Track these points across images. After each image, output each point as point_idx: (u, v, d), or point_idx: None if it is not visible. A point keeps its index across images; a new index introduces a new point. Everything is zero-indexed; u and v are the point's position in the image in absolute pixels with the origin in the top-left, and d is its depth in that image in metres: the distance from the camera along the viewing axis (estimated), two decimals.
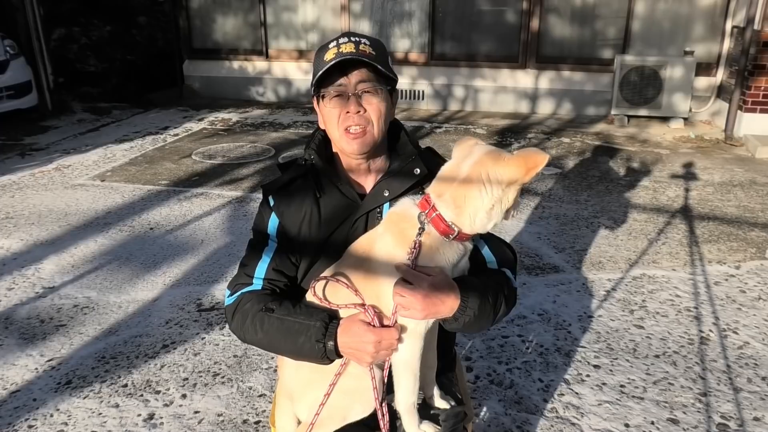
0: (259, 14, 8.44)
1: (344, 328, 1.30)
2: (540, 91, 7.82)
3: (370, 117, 1.39)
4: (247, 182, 5.20)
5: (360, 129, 1.39)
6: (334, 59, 1.35)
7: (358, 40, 1.39)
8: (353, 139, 1.40)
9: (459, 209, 1.25)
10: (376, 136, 1.41)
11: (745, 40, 6.34)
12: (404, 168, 1.44)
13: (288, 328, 1.34)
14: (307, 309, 1.36)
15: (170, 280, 3.51)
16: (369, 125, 1.39)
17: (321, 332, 1.30)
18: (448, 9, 7.88)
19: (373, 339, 1.26)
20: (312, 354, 1.32)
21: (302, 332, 1.31)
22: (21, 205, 4.67)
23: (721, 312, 3.16)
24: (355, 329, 1.28)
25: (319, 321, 1.31)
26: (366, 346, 1.26)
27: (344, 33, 1.43)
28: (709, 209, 4.58)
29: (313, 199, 1.44)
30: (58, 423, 2.36)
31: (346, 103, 1.38)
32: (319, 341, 1.30)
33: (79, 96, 8.40)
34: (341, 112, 1.39)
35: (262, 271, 1.44)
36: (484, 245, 1.50)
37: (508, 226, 4.27)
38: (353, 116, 1.38)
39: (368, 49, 1.38)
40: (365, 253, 1.34)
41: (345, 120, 1.39)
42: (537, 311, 3.16)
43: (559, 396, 2.52)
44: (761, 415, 2.40)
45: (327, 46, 1.41)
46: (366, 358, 1.28)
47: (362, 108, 1.38)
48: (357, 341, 1.27)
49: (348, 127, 1.39)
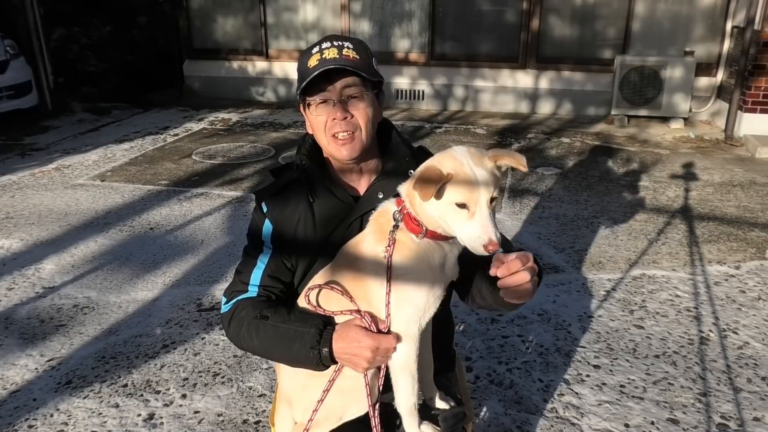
0: (259, 14, 8.44)
1: (340, 333, 1.29)
2: (540, 91, 7.82)
3: (357, 122, 1.38)
4: (247, 182, 5.20)
5: (348, 135, 1.38)
6: (319, 66, 1.34)
7: (341, 44, 1.37)
8: (341, 145, 1.39)
9: (420, 207, 1.23)
10: (364, 140, 1.40)
11: (745, 41, 6.34)
12: (398, 169, 1.44)
13: (282, 335, 1.33)
14: (301, 315, 1.35)
15: (170, 280, 3.51)
16: (357, 130, 1.39)
17: (315, 339, 1.29)
18: (448, 9, 7.88)
19: (372, 344, 1.25)
20: (307, 361, 1.32)
21: (297, 339, 1.31)
22: (21, 205, 4.67)
23: (721, 312, 3.16)
24: (353, 334, 1.27)
25: (313, 327, 1.30)
26: (364, 352, 1.26)
27: (327, 36, 1.41)
28: (709, 209, 4.58)
29: (306, 203, 1.44)
30: (58, 423, 2.36)
31: (332, 110, 1.37)
32: (313, 348, 1.29)
33: (79, 96, 8.40)
34: (328, 119, 1.38)
35: (257, 278, 1.44)
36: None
37: (508, 226, 4.27)
38: (340, 122, 1.37)
39: (352, 53, 1.37)
40: (354, 253, 1.34)
41: (332, 127, 1.38)
42: (537, 311, 3.16)
43: (559, 396, 2.52)
44: (761, 415, 2.40)
45: (310, 51, 1.39)
46: (362, 364, 1.28)
47: (349, 114, 1.37)
48: (355, 346, 1.27)
49: (335, 134, 1.38)
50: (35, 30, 7.55)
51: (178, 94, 8.80)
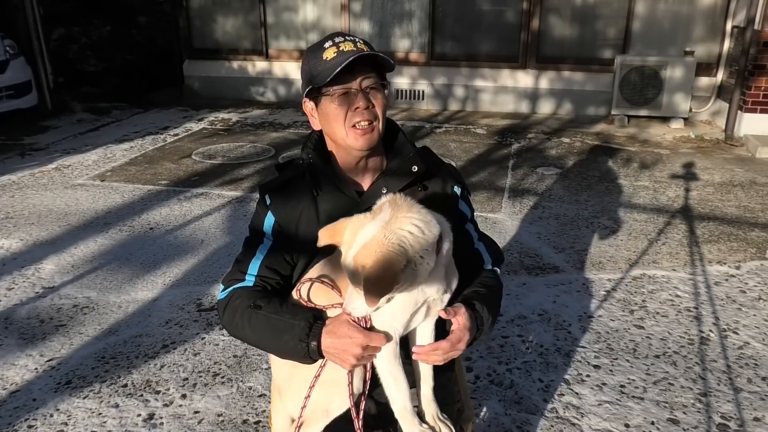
0: (259, 14, 8.44)
1: (330, 328, 1.30)
2: (540, 91, 7.82)
3: (377, 112, 1.42)
4: (247, 182, 5.20)
5: (368, 125, 1.41)
6: (341, 58, 1.35)
7: (353, 38, 1.41)
8: (362, 135, 1.41)
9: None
10: (381, 130, 1.44)
11: (746, 41, 6.34)
12: (402, 166, 1.47)
13: (273, 325, 1.35)
14: (293, 308, 1.37)
15: (170, 280, 3.51)
16: (376, 120, 1.42)
17: (305, 332, 1.30)
18: (449, 9, 7.88)
19: (362, 340, 1.26)
20: (295, 353, 1.33)
21: (286, 330, 1.32)
22: (21, 205, 4.67)
23: (721, 312, 3.15)
24: (344, 330, 1.28)
25: (303, 320, 1.32)
26: (353, 348, 1.26)
27: (335, 33, 1.43)
28: (709, 209, 4.58)
29: (310, 198, 1.45)
30: (58, 423, 2.36)
31: (353, 100, 1.39)
32: (302, 341, 1.30)
33: (79, 96, 8.39)
34: (348, 109, 1.40)
35: (255, 268, 1.46)
36: (479, 242, 1.57)
37: (508, 226, 4.27)
38: (362, 112, 1.39)
39: (365, 47, 1.40)
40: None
41: (353, 116, 1.40)
42: (537, 311, 3.16)
43: (559, 396, 2.52)
44: (761, 415, 2.40)
45: (322, 46, 1.41)
46: (350, 360, 1.28)
47: (371, 103, 1.40)
48: (345, 342, 1.27)
49: (356, 123, 1.40)
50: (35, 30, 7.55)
51: (178, 94, 8.80)
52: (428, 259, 1.19)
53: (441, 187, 1.51)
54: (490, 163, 5.80)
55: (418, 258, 1.16)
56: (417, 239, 1.15)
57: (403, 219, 1.17)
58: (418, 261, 1.16)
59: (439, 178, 1.52)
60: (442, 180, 1.52)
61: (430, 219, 1.21)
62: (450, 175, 1.54)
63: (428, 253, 1.18)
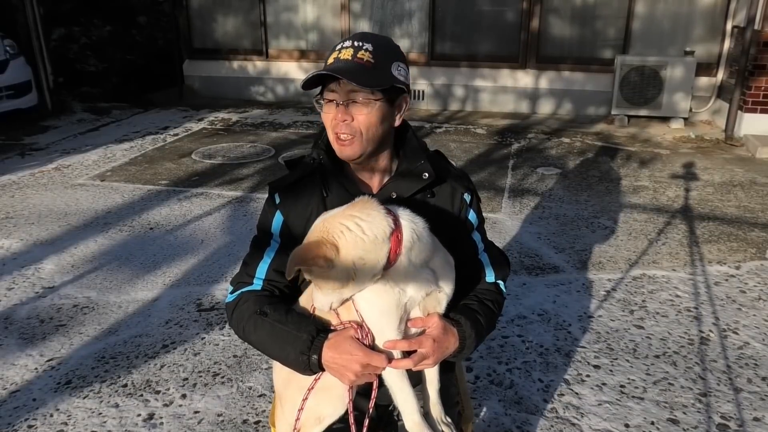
0: (259, 14, 8.44)
1: (333, 343, 1.29)
2: (540, 91, 7.82)
3: (358, 127, 1.36)
4: (247, 182, 5.20)
5: (348, 138, 1.37)
6: (329, 67, 1.34)
7: (360, 44, 1.35)
8: (342, 146, 1.39)
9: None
10: (365, 146, 1.39)
11: (746, 40, 6.34)
12: (413, 171, 1.44)
13: (277, 335, 1.34)
14: (298, 317, 1.36)
15: (170, 280, 3.51)
16: (357, 135, 1.37)
17: (306, 345, 1.30)
18: (448, 9, 7.88)
19: (363, 359, 1.25)
20: (296, 365, 1.33)
21: (289, 342, 1.32)
22: (21, 205, 4.67)
23: (721, 312, 3.15)
24: (346, 346, 1.27)
25: (306, 333, 1.31)
26: (353, 365, 1.26)
27: (355, 34, 1.39)
28: (709, 209, 4.58)
29: (319, 198, 1.43)
30: (58, 423, 2.36)
31: (335, 111, 1.36)
32: (303, 353, 1.30)
33: (79, 96, 8.39)
34: (333, 118, 1.38)
35: (263, 272, 1.44)
36: (484, 253, 1.53)
37: (508, 226, 4.27)
38: (341, 124, 1.36)
39: (367, 56, 1.34)
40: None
41: (335, 126, 1.38)
42: (537, 311, 3.16)
43: (559, 396, 2.52)
44: (761, 415, 2.40)
45: (334, 48, 1.39)
46: (349, 376, 1.28)
47: (350, 117, 1.36)
48: (346, 358, 1.26)
49: (338, 134, 1.38)
50: (35, 30, 7.54)
51: (178, 93, 8.80)
52: (369, 260, 1.19)
53: (450, 193, 1.48)
54: (490, 163, 5.80)
55: (356, 256, 1.19)
56: (354, 236, 1.19)
57: (347, 216, 1.22)
58: (356, 260, 1.19)
59: (449, 184, 1.48)
60: (452, 187, 1.48)
61: (380, 222, 1.21)
62: (460, 182, 1.50)
63: (369, 253, 1.19)
